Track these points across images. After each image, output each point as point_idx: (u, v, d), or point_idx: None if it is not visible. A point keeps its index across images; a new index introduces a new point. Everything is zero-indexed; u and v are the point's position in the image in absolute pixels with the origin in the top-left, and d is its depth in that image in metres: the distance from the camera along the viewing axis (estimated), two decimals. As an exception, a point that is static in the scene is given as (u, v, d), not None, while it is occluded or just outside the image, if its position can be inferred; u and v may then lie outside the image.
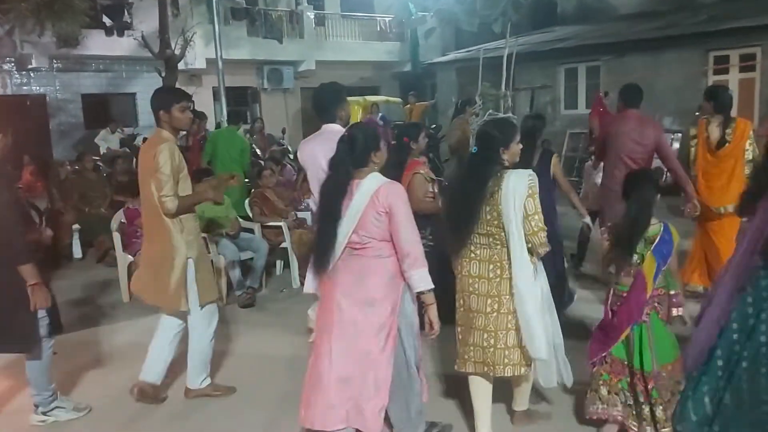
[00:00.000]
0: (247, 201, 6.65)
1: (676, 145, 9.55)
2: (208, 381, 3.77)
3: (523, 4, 7.56)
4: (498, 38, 9.58)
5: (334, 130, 3.37)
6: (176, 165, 3.41)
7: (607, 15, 13.67)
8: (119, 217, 5.99)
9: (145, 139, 15.18)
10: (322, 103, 3.64)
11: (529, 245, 2.85)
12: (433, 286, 2.76)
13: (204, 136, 8.96)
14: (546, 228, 2.87)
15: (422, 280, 2.72)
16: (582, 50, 12.79)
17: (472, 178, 2.97)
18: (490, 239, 2.93)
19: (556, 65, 13.21)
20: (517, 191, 2.83)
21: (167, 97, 3.55)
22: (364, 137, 2.75)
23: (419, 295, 2.78)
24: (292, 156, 11.04)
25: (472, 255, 2.99)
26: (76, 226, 7.43)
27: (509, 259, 2.88)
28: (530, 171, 2.94)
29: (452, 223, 3.05)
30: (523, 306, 2.85)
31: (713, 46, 11.19)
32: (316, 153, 3.42)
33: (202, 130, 9.04)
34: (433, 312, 2.78)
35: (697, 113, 6.44)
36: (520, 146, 3.04)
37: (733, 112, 11.42)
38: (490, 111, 7.25)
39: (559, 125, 12.61)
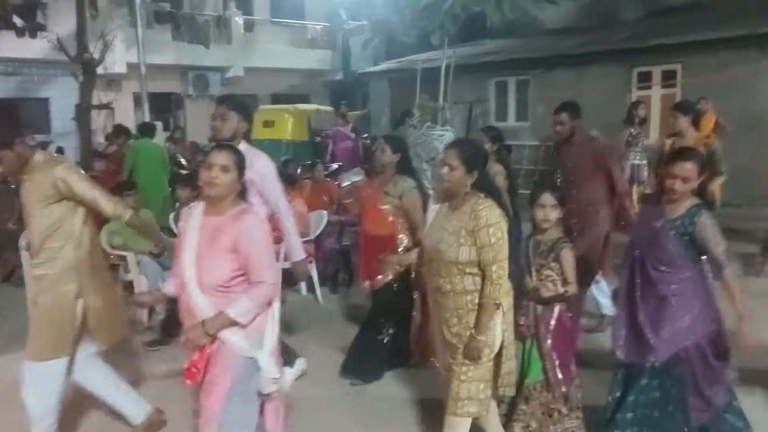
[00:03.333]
0: (171, 215, 6.25)
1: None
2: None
3: (460, 17, 7.53)
4: (430, 49, 9.54)
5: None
6: None
7: (534, 30, 13.93)
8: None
9: (59, 149, 14.39)
10: None
11: None
12: None
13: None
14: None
15: None
16: (512, 64, 12.97)
17: None
18: None
19: (487, 78, 13.34)
20: None
21: None
22: None
23: None
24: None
25: None
26: (-21, 243, 6.81)
27: None
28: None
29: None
30: None
31: (636, 62, 11.57)
32: None
33: (123, 146, 8.47)
34: None
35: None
36: None
37: (655, 127, 11.87)
38: (428, 123, 7.14)
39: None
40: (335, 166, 9.69)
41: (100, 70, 13.06)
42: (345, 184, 7.59)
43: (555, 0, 7.80)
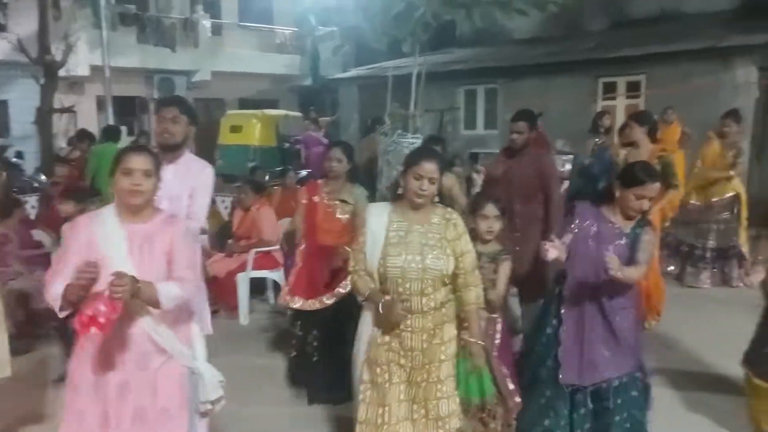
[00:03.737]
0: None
1: (569, 167, 9.95)
2: None
3: (431, 26, 7.54)
4: (400, 56, 9.55)
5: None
6: None
7: (503, 39, 14.07)
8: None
9: (18, 153, 13.93)
10: None
11: None
12: None
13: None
14: (351, 272, 2.85)
15: None
16: (480, 72, 13.08)
17: None
18: None
19: (456, 86, 13.42)
20: None
21: None
22: None
23: None
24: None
25: None
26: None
27: None
28: (377, 204, 2.97)
29: None
30: None
31: (602, 72, 11.76)
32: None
33: (87, 151, 8.25)
34: None
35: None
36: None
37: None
38: (399, 131, 7.13)
39: (459, 145, 12.79)
40: (304, 173, 9.61)
41: (62, 73, 12.78)
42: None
43: (524, 10, 7.85)
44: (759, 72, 10.09)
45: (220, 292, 5.96)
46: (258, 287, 6.21)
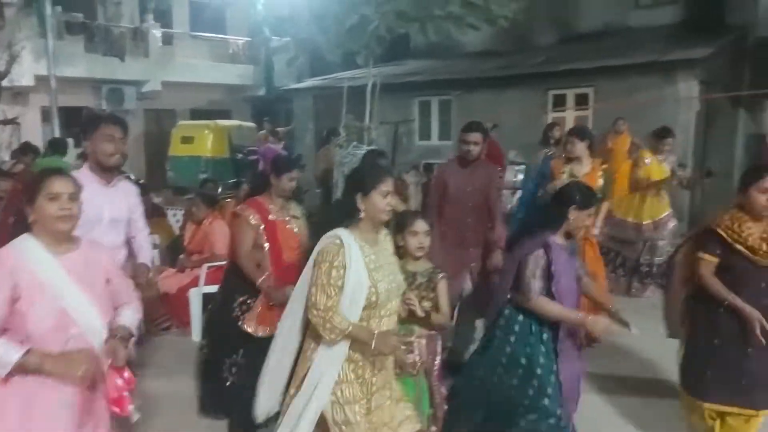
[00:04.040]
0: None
1: (521, 176, 10.14)
2: None
3: (385, 39, 7.60)
4: (355, 67, 9.58)
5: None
6: None
7: (456, 52, 14.27)
8: None
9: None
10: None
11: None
12: None
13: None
14: (322, 308, 2.48)
15: None
16: (434, 84, 13.23)
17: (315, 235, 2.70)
18: None
19: (411, 98, 13.54)
20: (312, 255, 2.60)
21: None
22: None
23: None
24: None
25: None
26: None
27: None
28: (338, 233, 2.56)
29: None
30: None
31: (551, 85, 12.05)
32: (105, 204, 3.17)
33: (31, 165, 8.00)
34: None
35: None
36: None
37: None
38: (354, 143, 7.14)
39: (414, 156, 12.89)
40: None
41: (5, 83, 12.39)
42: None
43: (475, 25, 8.00)
44: (700, 86, 10.50)
45: (171, 309, 5.84)
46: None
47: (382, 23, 7.38)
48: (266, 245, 3.71)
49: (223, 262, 5.86)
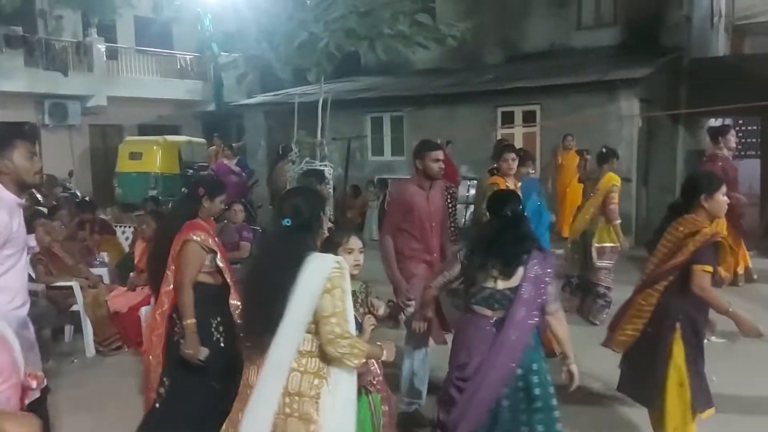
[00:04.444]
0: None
1: (473, 191, 10.31)
2: None
3: (335, 56, 7.63)
4: (307, 83, 9.59)
5: None
6: None
7: (406, 69, 14.46)
8: None
9: None
10: None
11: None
12: None
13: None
14: (349, 335, 2.42)
15: None
16: (386, 101, 13.34)
17: (280, 259, 2.53)
18: (313, 344, 2.50)
19: (363, 114, 13.62)
20: (312, 283, 2.41)
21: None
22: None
23: None
24: (79, 199, 9.98)
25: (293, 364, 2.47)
26: None
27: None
28: (335, 258, 2.53)
29: (248, 320, 2.65)
30: None
31: (500, 103, 12.31)
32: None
33: None
34: None
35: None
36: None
37: (519, 163, 12.47)
38: (307, 159, 7.13)
39: (368, 171, 12.95)
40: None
41: (-61, 97, 11.88)
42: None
43: (424, 44, 8.12)
44: (640, 104, 10.93)
45: (122, 328, 5.69)
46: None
47: (332, 41, 7.40)
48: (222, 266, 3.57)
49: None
